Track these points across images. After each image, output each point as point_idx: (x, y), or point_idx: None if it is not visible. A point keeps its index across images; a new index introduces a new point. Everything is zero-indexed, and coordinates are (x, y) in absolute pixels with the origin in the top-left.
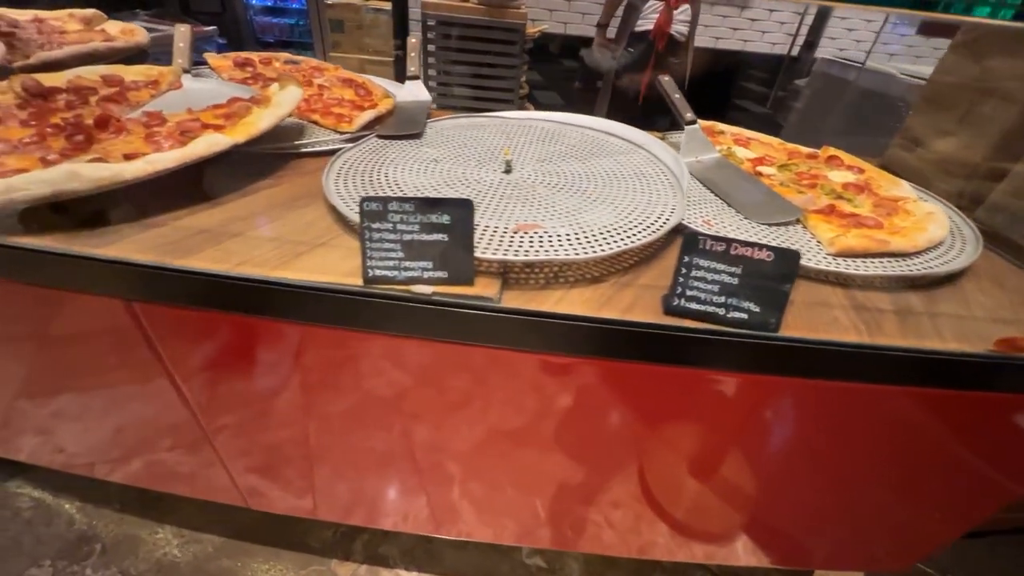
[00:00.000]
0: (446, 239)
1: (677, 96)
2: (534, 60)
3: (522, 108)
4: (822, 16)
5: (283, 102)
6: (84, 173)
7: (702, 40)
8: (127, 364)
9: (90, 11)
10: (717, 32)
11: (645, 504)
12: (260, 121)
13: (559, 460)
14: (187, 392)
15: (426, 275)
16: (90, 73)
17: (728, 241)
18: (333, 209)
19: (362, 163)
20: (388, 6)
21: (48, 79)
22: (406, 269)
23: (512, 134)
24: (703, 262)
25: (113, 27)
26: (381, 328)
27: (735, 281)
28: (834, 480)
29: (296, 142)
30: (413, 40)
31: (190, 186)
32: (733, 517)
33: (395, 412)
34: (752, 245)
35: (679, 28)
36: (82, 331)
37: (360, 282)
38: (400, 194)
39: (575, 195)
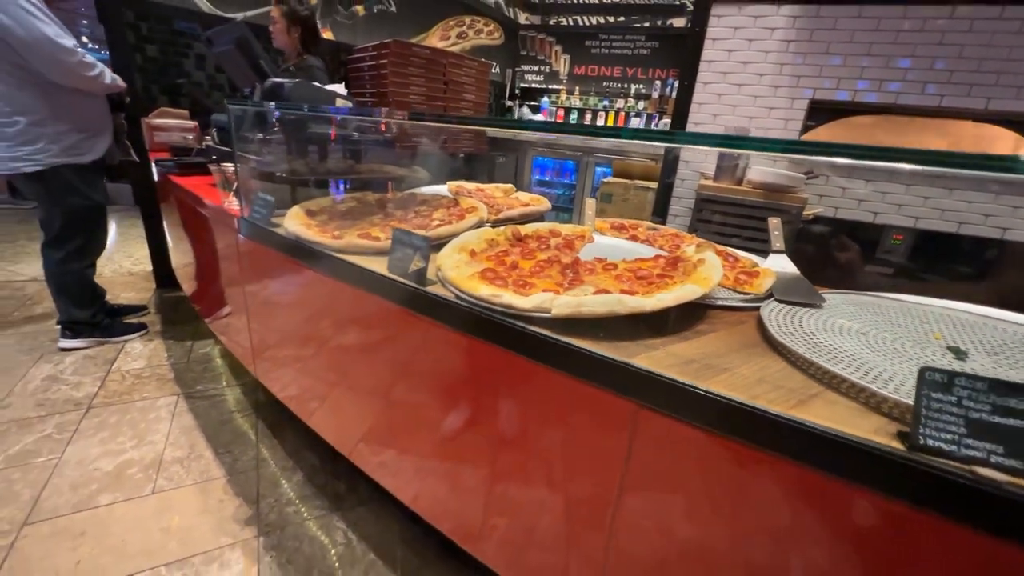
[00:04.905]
0: None
1: None
2: (799, 241)
3: None
4: None
5: (716, 264)
6: (627, 302)
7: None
8: (584, 454)
9: (508, 185)
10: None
11: None
12: (712, 275)
13: None
14: (618, 500)
15: (994, 459)
16: (541, 227)
17: None
18: (792, 364)
19: (790, 327)
20: (653, 185)
21: (523, 229)
22: (968, 448)
23: (923, 318)
24: None
25: (523, 195)
26: (925, 504)
27: None
28: None
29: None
30: (775, 220)
31: (650, 319)
32: None
33: None
34: None
35: None
36: (572, 416)
37: (896, 444)
38: (855, 363)
39: None
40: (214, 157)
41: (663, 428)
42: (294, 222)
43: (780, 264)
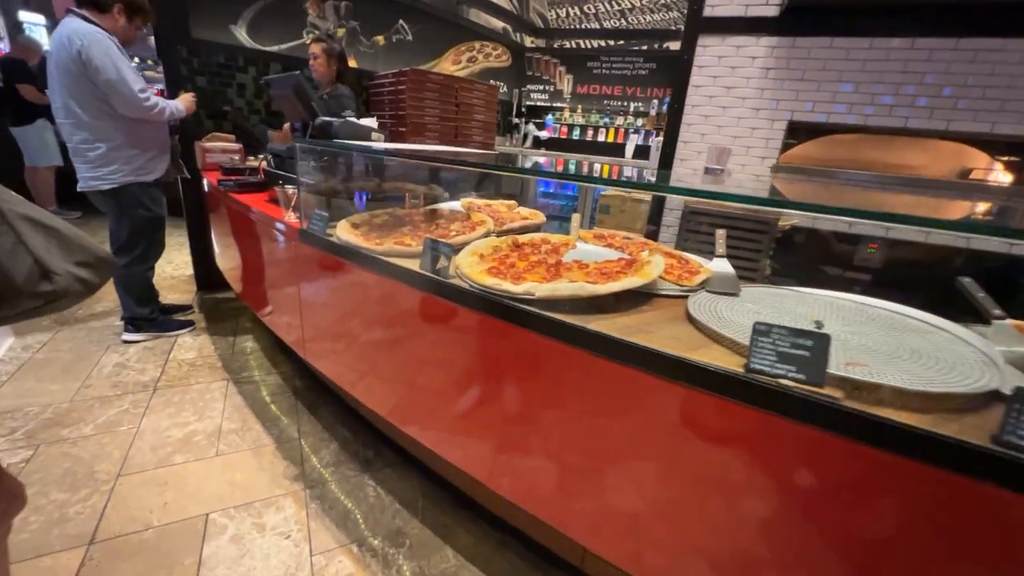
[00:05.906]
0: (808, 355)
1: (981, 295)
2: (779, 248)
3: None
4: None
5: (659, 263)
6: (587, 288)
7: None
8: (555, 391)
9: (511, 201)
10: None
11: None
12: (653, 271)
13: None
14: (579, 421)
15: (790, 375)
16: (535, 236)
17: None
18: (699, 330)
19: (705, 307)
20: (647, 197)
21: (520, 238)
22: (777, 368)
23: (812, 304)
24: None
25: (524, 210)
26: (757, 405)
27: None
28: None
29: (655, 287)
30: (721, 232)
31: (605, 300)
32: None
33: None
34: None
35: None
36: (549, 370)
37: (742, 370)
38: (739, 328)
39: (889, 352)
40: (280, 181)
41: (607, 368)
42: (345, 232)
43: (720, 266)
